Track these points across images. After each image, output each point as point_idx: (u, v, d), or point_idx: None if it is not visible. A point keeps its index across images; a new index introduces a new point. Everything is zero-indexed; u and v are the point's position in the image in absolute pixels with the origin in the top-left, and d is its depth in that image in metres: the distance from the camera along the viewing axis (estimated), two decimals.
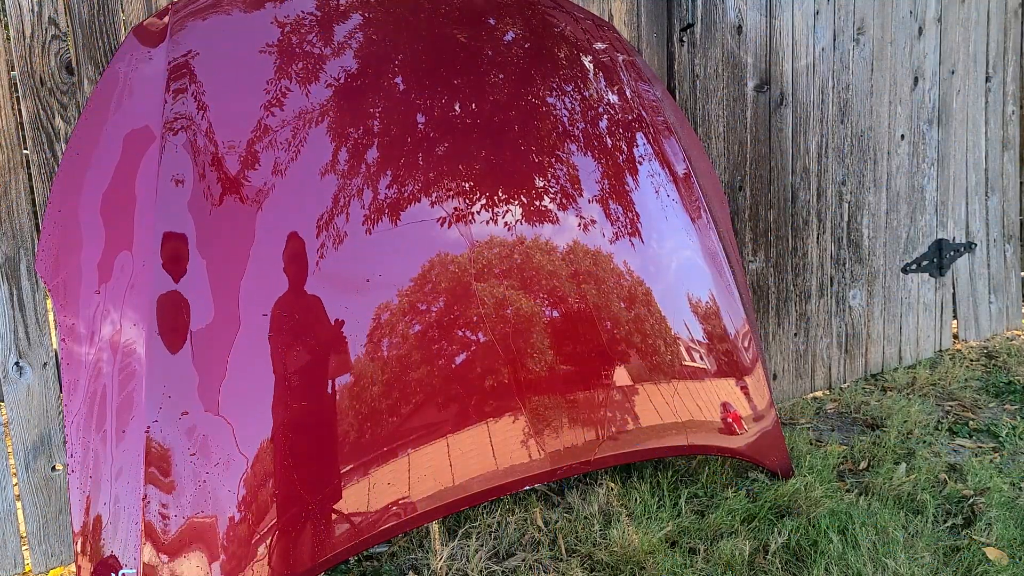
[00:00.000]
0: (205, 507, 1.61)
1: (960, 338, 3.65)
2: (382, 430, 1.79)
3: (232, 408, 1.66)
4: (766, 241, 2.97)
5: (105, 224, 1.72)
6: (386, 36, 2.01)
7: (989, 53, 3.63)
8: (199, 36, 1.84)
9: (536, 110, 2.13)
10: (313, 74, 1.89)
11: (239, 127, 1.78)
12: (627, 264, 2.15)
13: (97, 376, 1.66)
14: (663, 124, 2.37)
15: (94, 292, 1.69)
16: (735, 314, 2.33)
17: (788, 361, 3.08)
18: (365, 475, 1.77)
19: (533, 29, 2.25)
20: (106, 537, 1.61)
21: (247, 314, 1.69)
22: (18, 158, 1.94)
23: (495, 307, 1.93)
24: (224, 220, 1.72)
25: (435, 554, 2.00)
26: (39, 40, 1.92)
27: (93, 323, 1.68)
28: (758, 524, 2.14)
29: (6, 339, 1.95)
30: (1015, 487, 2.34)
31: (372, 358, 1.79)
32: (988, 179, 3.68)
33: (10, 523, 1.99)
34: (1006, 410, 2.96)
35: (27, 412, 1.98)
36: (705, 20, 2.77)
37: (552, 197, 2.07)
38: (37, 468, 1.99)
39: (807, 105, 3.03)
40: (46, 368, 2.00)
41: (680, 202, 2.30)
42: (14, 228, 1.95)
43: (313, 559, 1.69)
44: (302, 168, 1.80)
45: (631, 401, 2.11)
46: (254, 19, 1.91)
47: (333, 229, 1.79)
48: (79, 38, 1.96)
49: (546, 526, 2.14)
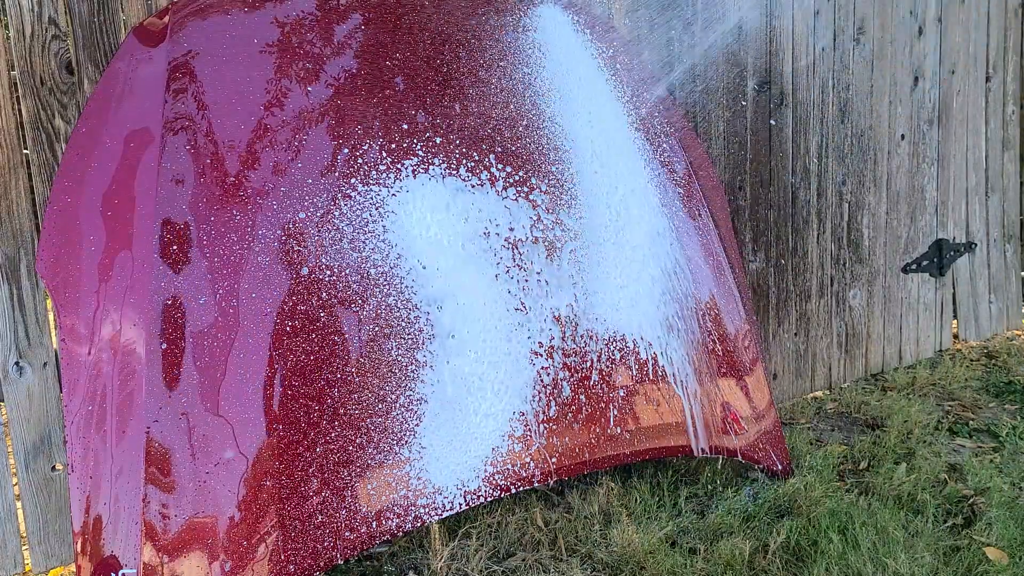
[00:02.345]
0: (205, 507, 1.61)
1: (960, 338, 3.65)
2: (383, 428, 1.79)
3: (232, 408, 1.66)
4: (766, 241, 2.97)
5: (105, 224, 1.72)
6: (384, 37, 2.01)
7: (989, 53, 3.62)
8: (199, 36, 1.84)
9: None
10: (314, 73, 1.89)
11: (239, 127, 1.78)
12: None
13: (97, 376, 1.66)
14: (662, 124, 2.37)
15: (94, 292, 1.69)
16: (735, 314, 2.33)
17: (788, 361, 3.08)
18: (367, 474, 1.77)
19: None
20: (106, 537, 1.61)
21: (247, 314, 1.69)
22: (18, 158, 1.94)
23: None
24: (224, 220, 1.72)
25: (435, 554, 2.00)
26: (39, 40, 1.92)
27: (93, 323, 1.68)
28: (758, 524, 2.14)
29: (6, 339, 1.95)
30: (1015, 487, 2.33)
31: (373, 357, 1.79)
32: (988, 179, 3.68)
33: (10, 523, 1.99)
34: (1006, 410, 2.96)
35: (27, 412, 1.98)
36: (705, 20, 2.77)
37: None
38: (37, 468, 1.99)
39: (807, 105, 3.03)
40: (46, 368, 2.00)
41: (680, 201, 2.30)
42: (14, 228, 1.94)
43: (313, 558, 1.69)
44: (303, 167, 1.80)
45: (631, 401, 2.11)
46: (254, 18, 1.91)
47: (333, 226, 1.79)
48: (79, 38, 1.96)
49: (546, 526, 2.14)
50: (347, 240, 1.80)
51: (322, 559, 1.71)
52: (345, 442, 1.74)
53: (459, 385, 1.87)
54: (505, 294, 1.95)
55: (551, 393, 1.98)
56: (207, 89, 1.78)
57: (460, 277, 1.90)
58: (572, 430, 2.01)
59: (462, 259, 1.91)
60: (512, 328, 1.95)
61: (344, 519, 1.73)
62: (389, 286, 1.82)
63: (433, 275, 1.87)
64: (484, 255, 1.95)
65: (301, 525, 1.68)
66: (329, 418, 1.73)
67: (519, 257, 1.98)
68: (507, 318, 1.94)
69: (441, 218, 1.91)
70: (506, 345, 1.93)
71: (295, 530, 1.68)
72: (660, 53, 2.64)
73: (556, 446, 1.98)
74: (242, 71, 1.83)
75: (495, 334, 1.92)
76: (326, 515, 1.71)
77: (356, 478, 1.75)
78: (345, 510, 1.74)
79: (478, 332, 1.90)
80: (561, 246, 2.04)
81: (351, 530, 1.74)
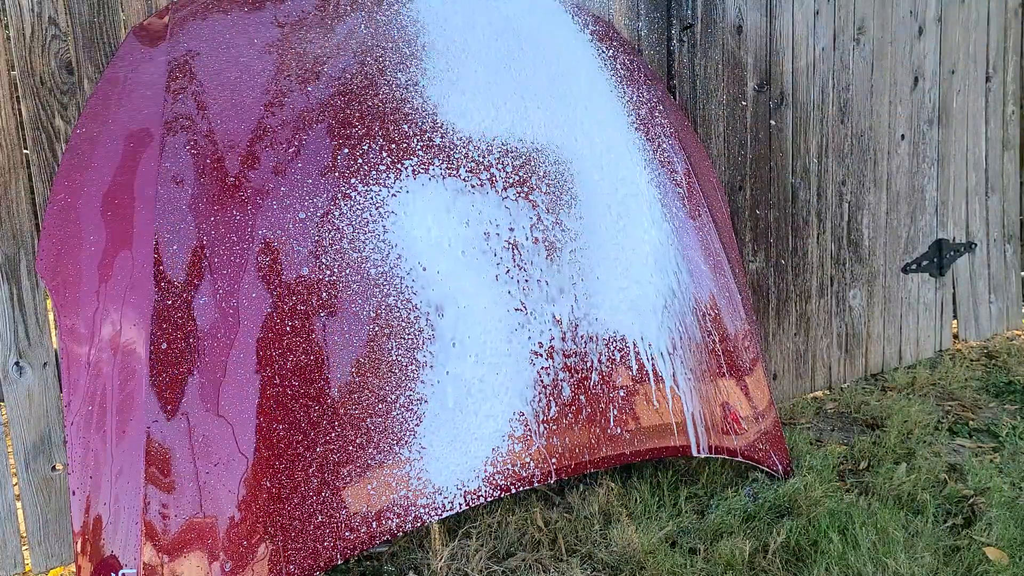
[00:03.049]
0: (205, 507, 1.61)
1: (960, 338, 3.65)
2: (383, 428, 1.79)
3: (232, 408, 1.66)
4: (766, 241, 2.98)
5: (105, 224, 1.72)
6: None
7: (989, 53, 3.63)
8: (199, 36, 1.84)
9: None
10: (313, 73, 1.89)
11: (239, 127, 1.78)
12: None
13: (97, 376, 1.66)
14: (663, 124, 2.37)
15: (94, 292, 1.69)
16: (735, 314, 2.33)
17: (788, 361, 3.08)
18: (367, 474, 1.77)
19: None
20: (106, 537, 1.61)
21: (247, 314, 1.69)
22: (18, 158, 1.94)
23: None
24: (225, 220, 1.72)
25: (435, 554, 2.00)
26: (39, 40, 1.92)
27: (93, 323, 1.68)
28: (758, 524, 2.14)
29: (6, 339, 1.95)
30: (1015, 487, 2.33)
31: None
32: (988, 179, 3.68)
33: (10, 523, 1.99)
34: (1006, 410, 2.96)
35: (27, 412, 1.98)
36: (705, 20, 2.77)
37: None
38: (37, 468, 1.99)
39: (807, 105, 3.03)
40: (46, 368, 2.00)
41: (680, 201, 2.30)
42: (14, 228, 1.94)
43: (313, 558, 1.69)
44: (303, 167, 1.80)
45: (631, 401, 2.11)
46: (254, 19, 1.91)
47: (333, 226, 1.79)
48: (79, 38, 1.96)
49: (546, 526, 2.14)
50: (347, 240, 1.80)
51: (322, 559, 1.71)
52: (345, 442, 1.74)
53: (459, 386, 1.87)
54: (505, 295, 1.95)
55: (551, 393, 1.98)
56: (207, 89, 1.78)
57: (460, 281, 1.90)
58: (572, 430, 2.01)
59: (462, 263, 1.91)
60: (512, 329, 1.95)
61: (344, 519, 1.73)
62: (389, 286, 1.82)
63: (434, 278, 1.87)
64: (484, 256, 1.95)
65: (301, 525, 1.68)
66: (329, 418, 1.73)
67: (519, 258, 1.98)
68: (507, 319, 1.94)
69: (442, 219, 1.91)
70: (506, 346, 1.93)
71: (295, 530, 1.68)
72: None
73: (556, 446, 1.98)
74: (241, 71, 1.83)
75: (495, 336, 1.92)
76: (326, 515, 1.71)
77: (356, 478, 1.75)
78: (345, 510, 1.74)
79: (479, 334, 1.90)
80: (561, 247, 2.04)
81: (351, 530, 1.74)
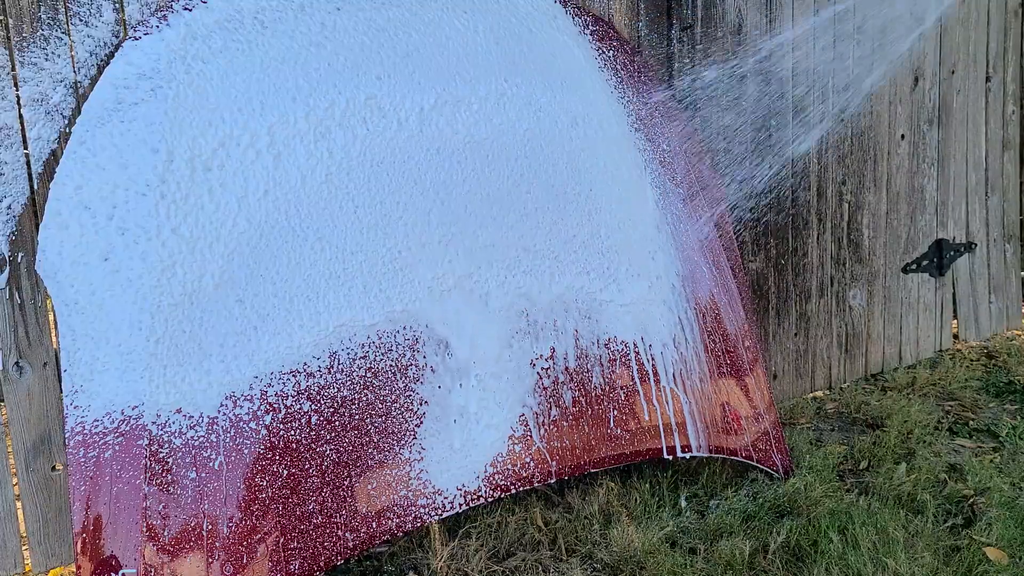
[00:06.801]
0: (205, 508, 1.61)
1: (960, 338, 3.64)
2: (384, 428, 1.79)
3: (232, 407, 1.65)
4: (766, 241, 2.97)
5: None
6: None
7: (989, 53, 3.62)
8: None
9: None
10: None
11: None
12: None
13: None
14: (663, 124, 2.37)
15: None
16: (735, 314, 2.33)
17: (788, 361, 3.08)
18: (367, 474, 1.77)
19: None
20: (106, 537, 1.61)
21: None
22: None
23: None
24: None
25: (435, 554, 1.99)
26: None
27: None
28: (758, 524, 2.14)
29: (6, 339, 1.95)
30: (1015, 487, 2.33)
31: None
32: (988, 179, 3.68)
33: (10, 523, 1.99)
34: (1006, 410, 2.96)
35: (27, 412, 1.98)
36: (705, 20, 2.77)
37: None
38: (37, 468, 1.99)
39: (807, 105, 3.02)
40: (46, 368, 2.00)
41: (680, 202, 2.30)
42: (14, 228, 1.94)
43: (313, 558, 1.69)
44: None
45: (631, 401, 2.11)
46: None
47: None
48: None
49: (546, 526, 2.14)
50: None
51: (322, 559, 1.71)
52: (345, 442, 1.74)
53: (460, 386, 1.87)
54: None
55: (552, 395, 1.98)
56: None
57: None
58: (572, 431, 2.01)
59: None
60: (513, 333, 1.95)
61: (344, 519, 1.73)
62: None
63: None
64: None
65: (301, 525, 1.68)
66: (331, 414, 1.73)
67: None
68: (509, 323, 1.95)
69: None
70: (508, 351, 1.94)
71: (295, 530, 1.68)
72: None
73: (556, 447, 1.98)
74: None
75: (497, 341, 1.93)
76: (326, 515, 1.71)
77: (356, 478, 1.75)
78: (345, 510, 1.74)
79: (479, 335, 1.91)
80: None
81: (351, 530, 1.74)
